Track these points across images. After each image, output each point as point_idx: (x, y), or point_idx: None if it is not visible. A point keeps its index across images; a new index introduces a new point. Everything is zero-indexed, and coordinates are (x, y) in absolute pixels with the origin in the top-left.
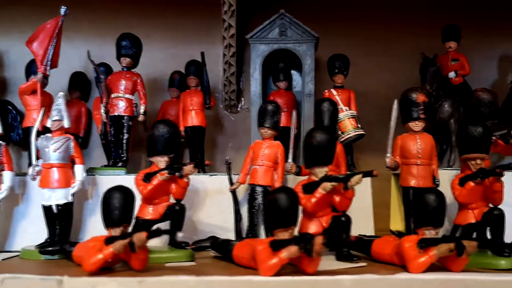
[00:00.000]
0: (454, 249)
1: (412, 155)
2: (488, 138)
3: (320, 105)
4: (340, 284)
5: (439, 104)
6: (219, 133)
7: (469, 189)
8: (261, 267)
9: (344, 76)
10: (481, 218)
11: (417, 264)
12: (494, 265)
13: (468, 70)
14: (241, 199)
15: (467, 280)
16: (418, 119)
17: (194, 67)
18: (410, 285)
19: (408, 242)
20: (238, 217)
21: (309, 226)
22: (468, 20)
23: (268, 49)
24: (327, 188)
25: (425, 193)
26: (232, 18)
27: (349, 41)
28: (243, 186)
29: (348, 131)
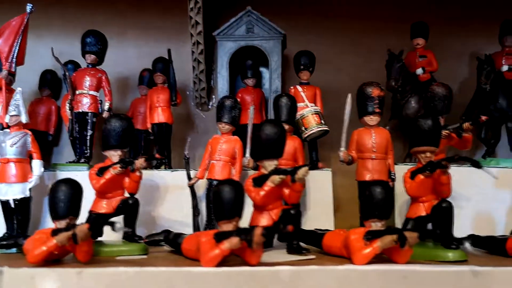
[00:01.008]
0: (397, 241)
1: (367, 149)
2: (438, 131)
3: (278, 101)
4: (278, 275)
5: (405, 101)
6: (191, 131)
7: (418, 182)
8: (203, 258)
9: (310, 72)
10: (430, 211)
11: (361, 256)
12: (442, 257)
13: (436, 67)
14: (201, 195)
15: (405, 271)
16: (373, 113)
17: (160, 64)
18: (348, 276)
19: (354, 234)
20: (196, 212)
21: (260, 219)
22: (439, 17)
23: (235, 46)
24: (276, 181)
25: (371, 186)
26: (199, 15)
27: (321, 38)
28: (202, 181)
29: (311, 127)
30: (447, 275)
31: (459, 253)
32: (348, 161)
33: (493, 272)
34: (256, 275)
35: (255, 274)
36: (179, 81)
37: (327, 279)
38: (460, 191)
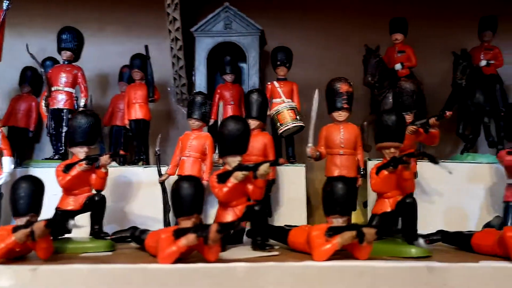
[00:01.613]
0: (356, 237)
1: (335, 145)
2: (402, 127)
3: (249, 97)
4: (234, 271)
5: (383, 96)
6: (172, 127)
7: (382, 178)
8: (160, 255)
9: (287, 68)
10: (395, 207)
11: (320, 252)
12: (405, 253)
13: (415, 62)
14: None
15: (361, 267)
16: (341, 109)
17: (138, 60)
18: (305, 273)
19: (316, 231)
20: (166, 208)
21: (224, 216)
22: (422, 12)
23: (213, 42)
24: (239, 177)
25: (332, 182)
26: (176, 11)
27: (302, 34)
28: (173, 177)
29: (286, 123)
30: (403, 271)
31: (422, 249)
32: (316, 157)
33: (448, 268)
34: (211, 272)
35: (211, 271)
36: (161, 77)
37: (283, 275)
38: (433, 186)
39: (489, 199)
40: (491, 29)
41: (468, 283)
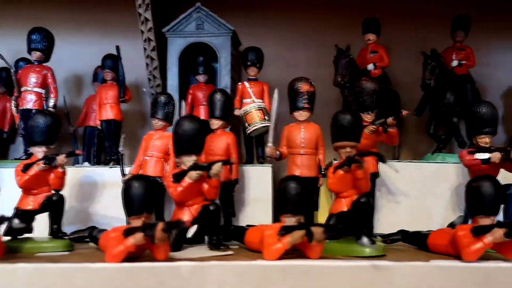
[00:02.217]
0: (305, 236)
1: (296, 144)
2: (357, 126)
3: (212, 96)
4: (178, 270)
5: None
6: (147, 127)
7: (338, 178)
8: (107, 254)
9: (257, 68)
10: (351, 206)
11: (270, 251)
12: (359, 253)
13: (387, 62)
14: None
15: (306, 266)
16: (302, 109)
17: (109, 61)
18: (249, 272)
19: (269, 230)
20: None
21: (180, 215)
22: (397, 12)
23: (185, 42)
24: (193, 177)
25: (284, 181)
26: (148, 11)
27: (275, 34)
28: None
29: (255, 123)
30: (348, 270)
31: (376, 248)
32: (276, 157)
33: (393, 267)
34: (156, 271)
35: (155, 270)
36: (137, 78)
37: (227, 274)
38: (399, 186)
39: (455, 199)
40: (463, 29)
41: (414, 281)
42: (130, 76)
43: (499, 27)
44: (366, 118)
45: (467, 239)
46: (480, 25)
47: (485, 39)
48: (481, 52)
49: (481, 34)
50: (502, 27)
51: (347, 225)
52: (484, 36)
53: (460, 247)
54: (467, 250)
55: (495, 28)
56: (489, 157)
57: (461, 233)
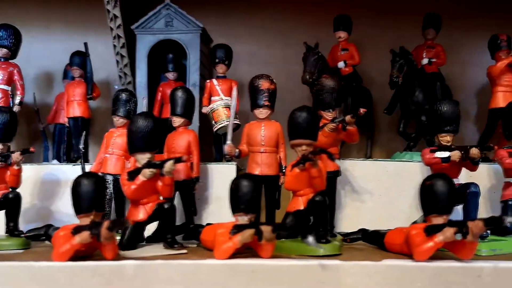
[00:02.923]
0: (255, 235)
1: (256, 142)
2: (313, 124)
3: (173, 94)
4: (123, 269)
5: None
6: None
7: (294, 176)
8: (54, 252)
9: (225, 66)
10: (306, 205)
11: (221, 250)
12: (313, 252)
13: (358, 60)
14: None
15: (254, 265)
16: (262, 106)
17: (77, 58)
18: (195, 271)
19: (221, 229)
20: None
21: (135, 214)
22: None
23: (154, 39)
24: (146, 175)
25: (236, 179)
26: (116, 8)
27: (249, 31)
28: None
29: (221, 121)
30: (296, 268)
31: (331, 247)
32: (235, 155)
33: (342, 266)
34: (101, 270)
35: (100, 269)
36: (109, 75)
37: (172, 273)
38: (363, 185)
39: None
40: (434, 27)
41: (363, 281)
42: (101, 73)
43: (472, 25)
44: (326, 116)
45: (419, 238)
46: (454, 23)
47: (459, 37)
48: (455, 50)
49: (455, 32)
50: (475, 26)
51: (303, 224)
52: (458, 34)
53: (412, 246)
54: (418, 249)
55: (469, 26)
56: (448, 155)
57: (414, 232)
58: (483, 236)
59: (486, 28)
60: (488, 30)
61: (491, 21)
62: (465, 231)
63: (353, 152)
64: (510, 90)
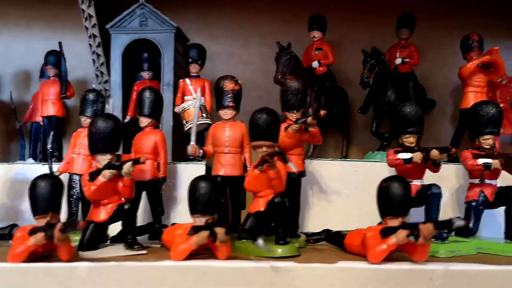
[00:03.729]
0: (210, 236)
1: (221, 143)
2: (274, 125)
3: (141, 94)
4: (76, 271)
5: None
6: None
7: (254, 177)
8: (10, 253)
9: (199, 65)
10: (266, 206)
11: (176, 252)
12: (271, 253)
13: (332, 60)
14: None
15: (205, 267)
16: (227, 107)
17: (52, 57)
18: (148, 272)
19: (179, 230)
20: None
21: (96, 214)
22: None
23: (128, 39)
24: (106, 176)
25: (194, 180)
26: (91, 7)
27: (227, 31)
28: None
29: (192, 120)
30: (247, 270)
31: (288, 248)
32: (199, 155)
33: (293, 268)
34: (54, 271)
35: (53, 270)
36: (87, 74)
37: (125, 275)
38: (332, 185)
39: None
40: (407, 27)
41: (313, 283)
42: (78, 72)
43: (450, 25)
44: (291, 117)
45: (374, 240)
46: (433, 23)
47: (437, 37)
48: (433, 50)
49: (434, 32)
50: (453, 26)
51: (264, 225)
52: (436, 34)
53: (367, 249)
54: (372, 251)
55: (447, 26)
56: (411, 157)
57: (369, 234)
58: (443, 237)
59: (464, 28)
60: (465, 30)
61: (469, 21)
62: (417, 234)
63: (330, 151)
64: (481, 90)
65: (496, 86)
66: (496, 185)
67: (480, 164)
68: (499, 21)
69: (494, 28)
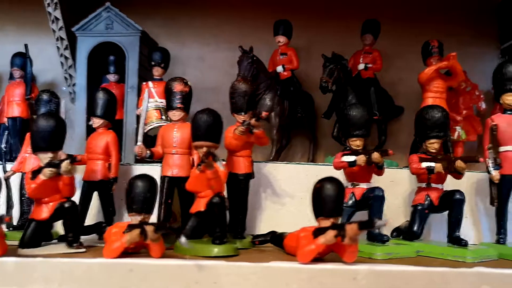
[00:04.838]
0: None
1: (169, 144)
2: (215, 126)
3: (94, 95)
4: (3, 266)
5: (259, 98)
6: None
7: (194, 178)
8: None
9: (162, 69)
10: (206, 206)
11: (109, 250)
12: (207, 252)
13: (296, 65)
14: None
15: (131, 264)
16: (175, 109)
17: (18, 59)
18: (74, 269)
19: (115, 228)
20: (9, 204)
21: (39, 212)
22: (316, 14)
23: (94, 42)
24: (46, 174)
25: (131, 179)
26: (57, 10)
27: (196, 36)
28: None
29: (151, 122)
30: (172, 268)
31: (225, 248)
32: (146, 156)
33: (218, 266)
34: None
35: None
36: (55, 76)
37: (51, 271)
38: (285, 188)
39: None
40: (371, 33)
41: (238, 281)
42: (50, 74)
43: (416, 33)
44: (238, 119)
45: (305, 240)
46: (399, 31)
47: (403, 44)
48: (399, 57)
49: (400, 39)
50: (419, 33)
51: (205, 225)
52: (403, 42)
53: (298, 249)
54: (301, 251)
55: (413, 34)
56: (354, 159)
57: (302, 234)
58: (384, 240)
59: (432, 36)
60: (433, 37)
61: (436, 28)
62: (343, 234)
63: (297, 156)
64: (439, 96)
65: (460, 92)
66: (443, 189)
67: (423, 168)
68: (466, 29)
69: (461, 36)
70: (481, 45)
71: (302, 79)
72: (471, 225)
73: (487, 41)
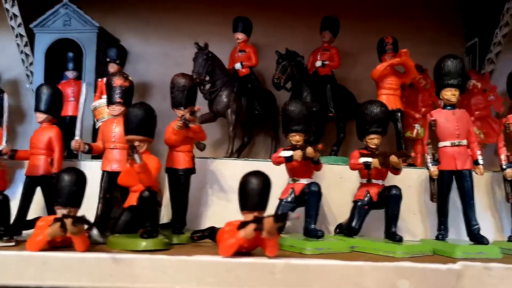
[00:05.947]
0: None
1: (108, 139)
2: (147, 120)
3: (37, 90)
4: None
5: (215, 95)
6: (28, 124)
7: (125, 172)
8: None
9: (117, 65)
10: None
11: (32, 243)
12: (135, 246)
13: (255, 62)
14: None
15: (45, 257)
16: (115, 103)
17: None
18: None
19: (41, 221)
20: None
21: None
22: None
23: (52, 38)
24: None
25: (59, 173)
26: (15, 7)
27: (161, 33)
28: None
29: (102, 118)
30: (87, 261)
31: (154, 242)
32: (84, 150)
33: (134, 259)
34: None
35: None
36: (17, 73)
37: None
38: (231, 184)
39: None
40: (330, 30)
41: (152, 274)
42: (11, 72)
43: (381, 31)
44: (178, 114)
45: (229, 234)
46: (364, 28)
47: (368, 42)
48: (364, 55)
49: (365, 37)
50: (384, 31)
51: (138, 219)
52: (367, 40)
53: (221, 242)
54: (222, 245)
55: (378, 31)
56: (291, 155)
57: (227, 228)
58: (318, 235)
59: (396, 34)
60: (397, 35)
61: (401, 26)
62: (260, 227)
63: (261, 153)
64: (393, 93)
65: (419, 90)
66: (383, 185)
67: (360, 163)
68: (429, 26)
69: (428, 33)
70: (447, 43)
71: (265, 76)
72: (419, 222)
73: (454, 39)
